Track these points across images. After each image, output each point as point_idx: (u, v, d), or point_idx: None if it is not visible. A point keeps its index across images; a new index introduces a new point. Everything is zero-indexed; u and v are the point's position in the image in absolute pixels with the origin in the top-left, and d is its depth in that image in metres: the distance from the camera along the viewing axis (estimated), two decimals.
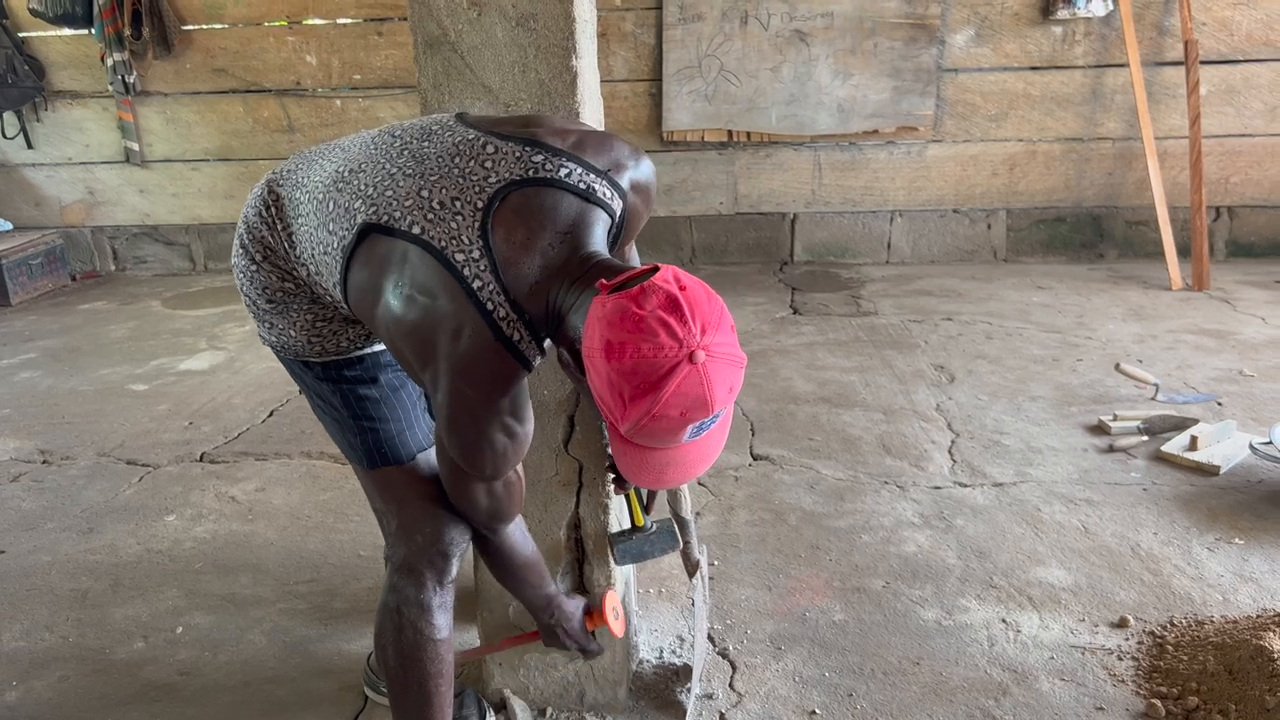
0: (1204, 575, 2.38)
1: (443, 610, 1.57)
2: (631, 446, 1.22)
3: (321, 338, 1.50)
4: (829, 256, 5.64)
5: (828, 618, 2.28)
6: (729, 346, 1.16)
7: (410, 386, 1.57)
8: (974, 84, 5.23)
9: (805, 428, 3.35)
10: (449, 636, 1.59)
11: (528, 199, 1.27)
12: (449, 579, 1.56)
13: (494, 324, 1.24)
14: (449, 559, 1.54)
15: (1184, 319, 4.34)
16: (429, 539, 1.53)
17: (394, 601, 1.56)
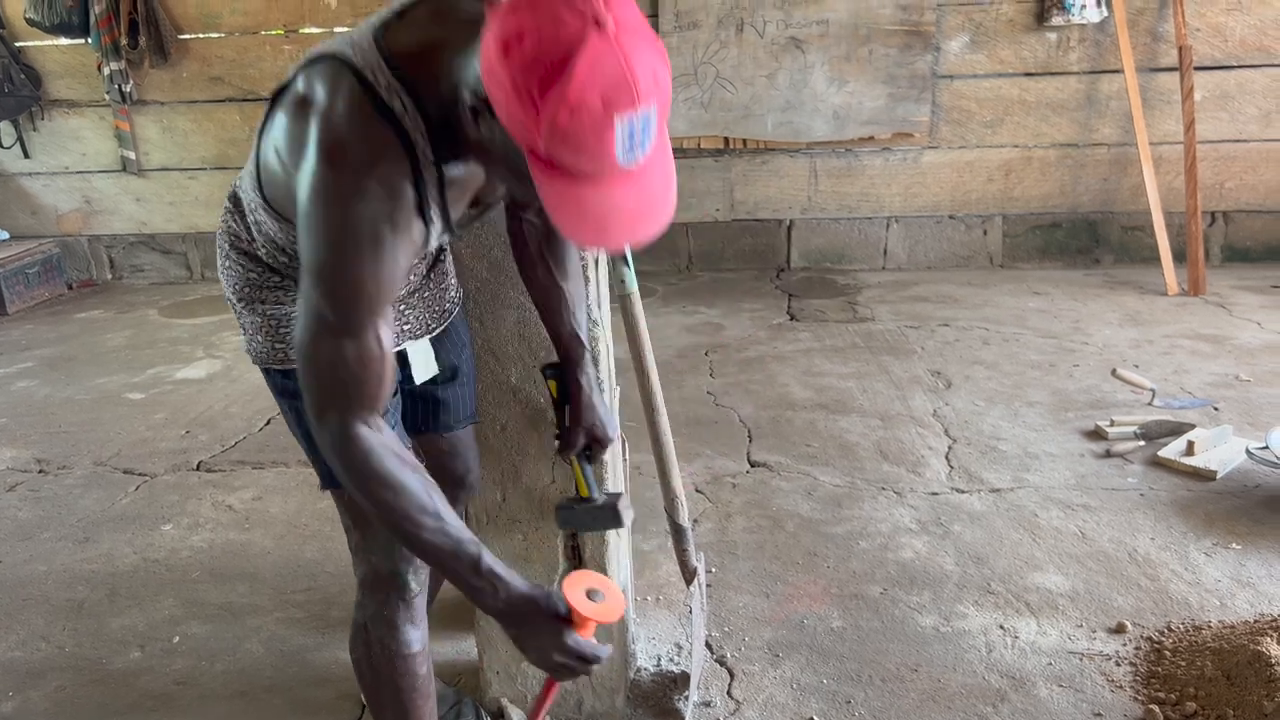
0: (1201, 580, 2.38)
1: (410, 624, 1.54)
2: (560, 180, 1.06)
3: (284, 343, 1.47)
4: (825, 263, 5.64)
5: (825, 624, 2.28)
6: (641, 22, 1.02)
7: None
8: (969, 90, 5.25)
9: (803, 434, 3.35)
10: (421, 649, 1.56)
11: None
12: (411, 594, 1.52)
13: (371, 90, 1.16)
14: (407, 575, 1.51)
15: (1180, 324, 4.35)
16: (385, 555, 1.49)
17: (361, 619, 1.54)
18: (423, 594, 1.55)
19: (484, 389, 1.80)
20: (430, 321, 1.62)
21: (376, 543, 1.49)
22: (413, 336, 1.59)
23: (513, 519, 1.87)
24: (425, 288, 1.60)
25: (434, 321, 1.63)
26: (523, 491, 1.85)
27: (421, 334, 1.61)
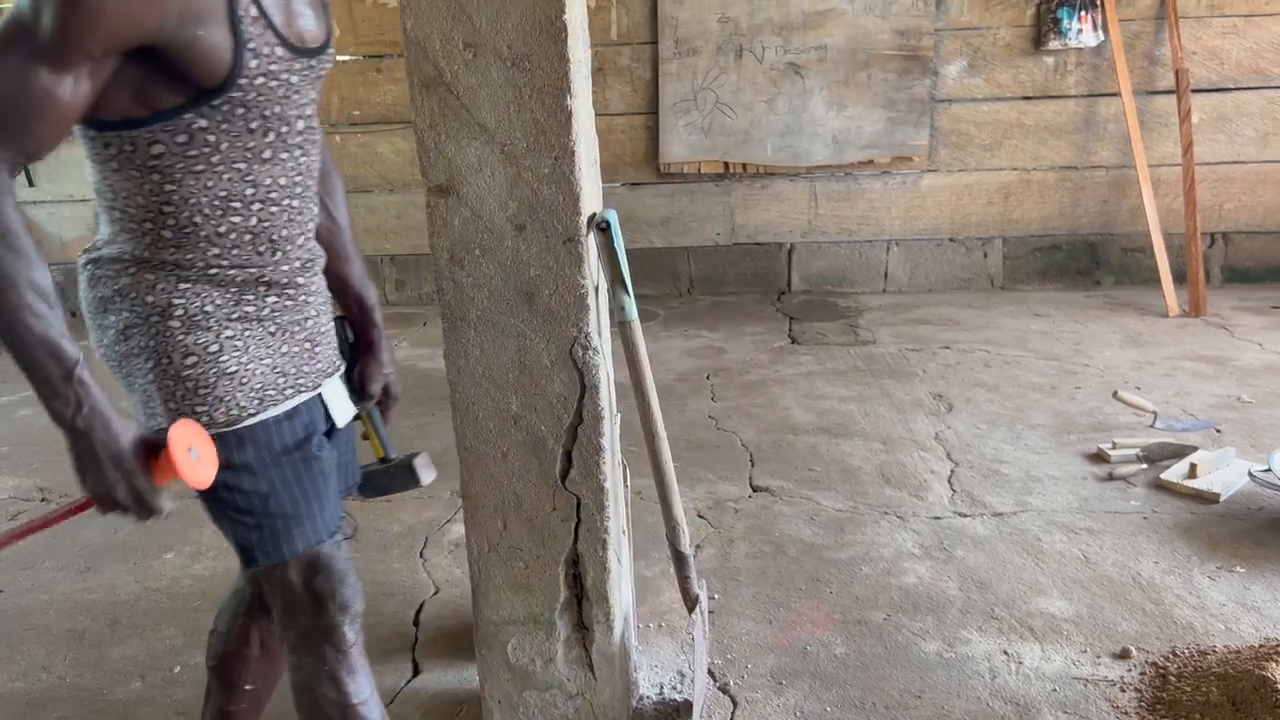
0: (1206, 604, 2.37)
1: (352, 675, 1.50)
2: None
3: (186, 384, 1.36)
4: (826, 286, 5.66)
5: (829, 651, 2.27)
6: None
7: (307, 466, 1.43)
8: (968, 114, 5.28)
9: (805, 458, 3.35)
10: (370, 694, 1.53)
11: None
12: (349, 645, 1.49)
13: None
14: (343, 627, 1.48)
15: (1181, 345, 4.35)
16: (318, 615, 1.46)
17: (302, 681, 1.50)
18: (359, 641, 1.51)
19: (484, 417, 1.81)
20: (334, 358, 1.57)
21: (307, 603, 1.45)
22: (326, 375, 1.53)
23: (514, 547, 1.87)
24: (324, 321, 1.53)
25: (336, 358, 1.58)
26: (524, 520, 1.85)
27: (332, 371, 1.55)
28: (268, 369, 1.40)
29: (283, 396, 1.42)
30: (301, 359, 1.46)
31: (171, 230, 1.31)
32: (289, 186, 1.39)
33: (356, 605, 1.50)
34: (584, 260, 1.70)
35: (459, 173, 1.66)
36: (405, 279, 5.91)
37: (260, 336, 1.40)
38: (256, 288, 1.39)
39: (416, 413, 4.00)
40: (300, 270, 1.46)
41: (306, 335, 1.48)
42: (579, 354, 1.75)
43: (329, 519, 1.47)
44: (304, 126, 1.40)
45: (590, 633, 1.90)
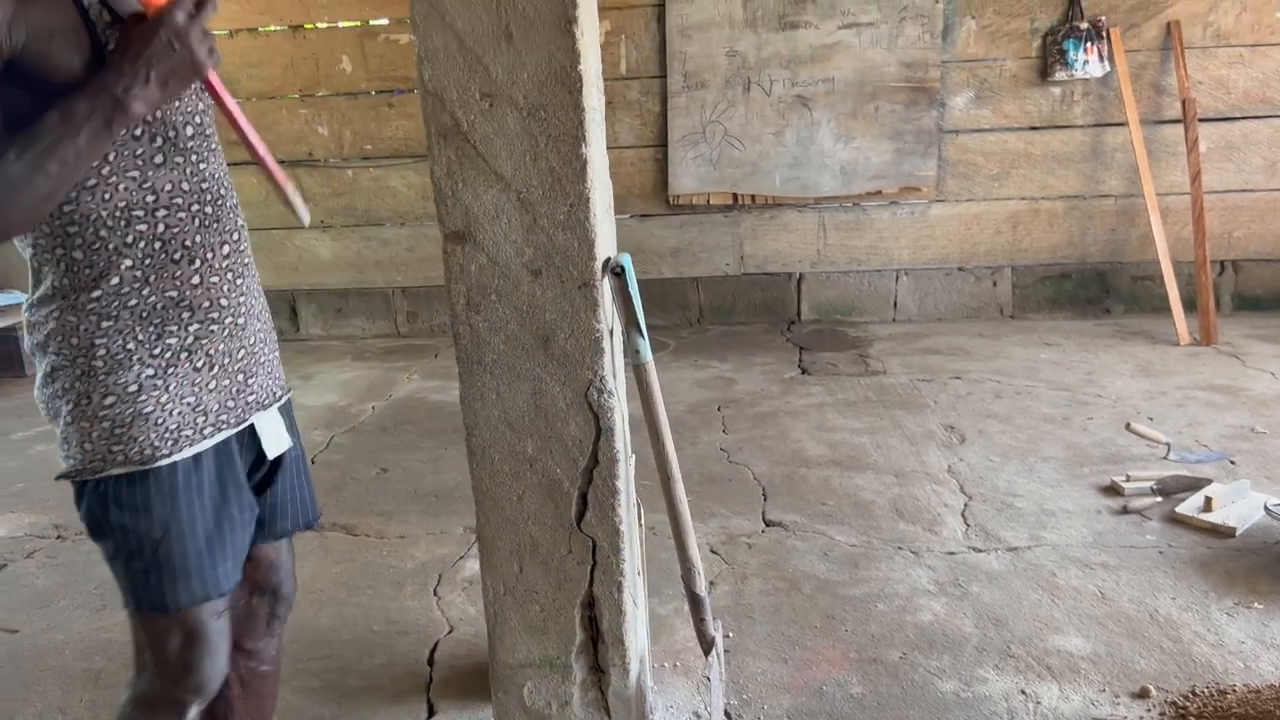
0: (1224, 642, 2.36)
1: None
2: None
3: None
4: (836, 315, 5.67)
5: (845, 691, 2.26)
6: None
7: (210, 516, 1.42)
8: (975, 144, 5.31)
9: (817, 492, 3.34)
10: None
11: None
12: (188, 716, 1.47)
13: None
14: (190, 704, 1.46)
15: (1193, 375, 4.34)
16: (173, 683, 1.45)
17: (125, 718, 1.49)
18: (198, 716, 1.50)
19: (500, 460, 1.82)
20: (274, 388, 1.56)
21: (172, 669, 1.44)
22: (261, 407, 1.52)
23: (530, 590, 1.87)
24: (261, 350, 1.53)
25: (277, 389, 1.57)
26: (540, 563, 1.85)
27: (269, 403, 1.54)
28: (188, 408, 1.39)
29: (200, 436, 1.40)
30: (231, 392, 1.45)
31: (82, 250, 1.31)
32: (193, 192, 1.40)
33: (213, 689, 1.48)
34: (599, 304, 1.72)
35: (476, 220, 1.68)
36: (417, 311, 5.94)
37: (185, 373, 1.39)
38: (179, 314, 1.38)
39: (428, 446, 4.01)
40: (227, 289, 1.44)
41: (240, 366, 1.47)
42: (594, 397, 1.76)
43: (221, 577, 1.44)
44: (193, 133, 1.41)
45: (606, 675, 1.90)
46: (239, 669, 1.68)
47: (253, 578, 1.63)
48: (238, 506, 1.47)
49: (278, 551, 1.66)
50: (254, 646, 1.69)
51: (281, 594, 1.70)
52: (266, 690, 1.74)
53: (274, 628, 1.71)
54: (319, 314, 6.01)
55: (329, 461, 3.93)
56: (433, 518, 3.33)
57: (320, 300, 5.99)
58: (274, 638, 1.73)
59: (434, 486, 3.60)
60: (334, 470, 3.83)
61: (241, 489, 1.49)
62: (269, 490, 1.58)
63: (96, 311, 1.33)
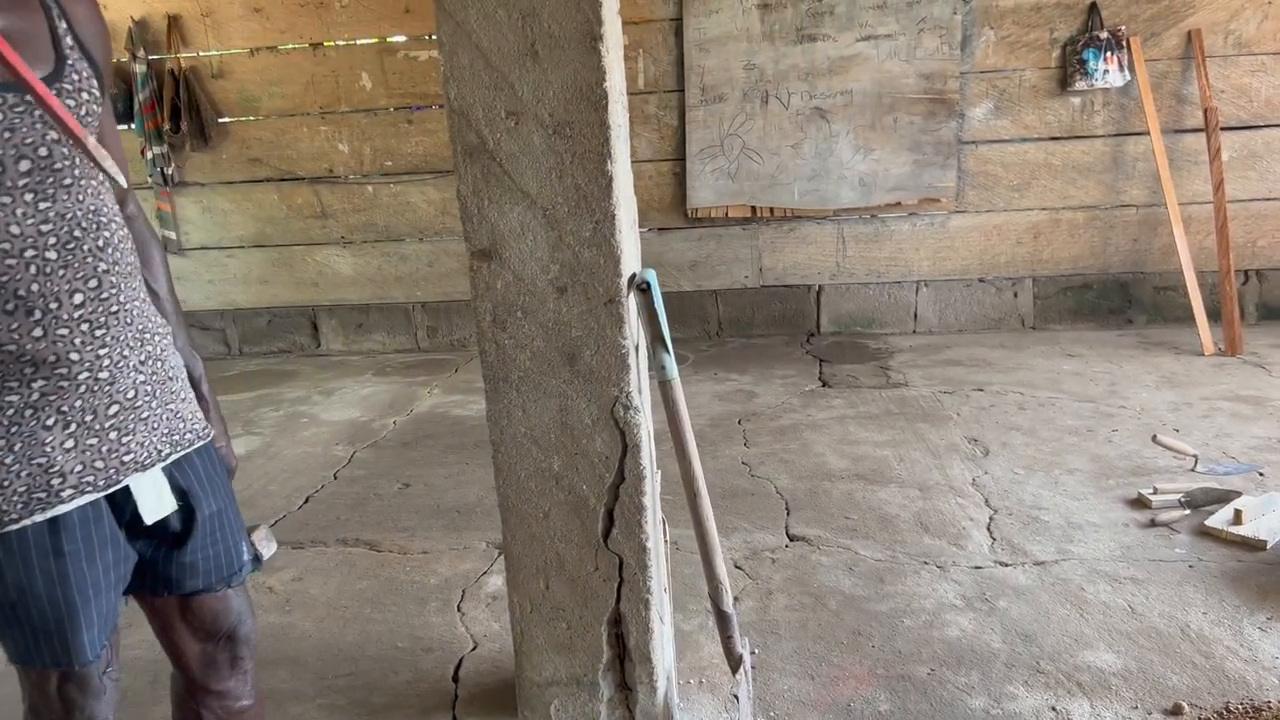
0: (1258, 657, 2.32)
1: None
2: None
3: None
4: (856, 327, 5.65)
5: (873, 708, 2.24)
6: None
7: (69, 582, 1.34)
8: (995, 155, 5.29)
9: (841, 506, 3.33)
10: None
11: None
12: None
13: None
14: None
15: (1218, 385, 4.30)
16: (62, 717, 1.40)
17: None
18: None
19: (526, 477, 1.82)
20: (160, 445, 1.42)
21: (55, 710, 1.39)
22: (140, 467, 1.39)
23: (556, 608, 1.86)
24: (145, 405, 1.39)
25: (165, 446, 1.43)
26: (566, 580, 1.85)
27: (151, 462, 1.41)
28: (39, 469, 1.28)
29: (57, 499, 1.30)
30: (99, 452, 1.34)
31: None
32: (26, 235, 1.24)
33: (105, 715, 1.43)
34: (625, 321, 1.72)
35: (501, 237, 1.69)
36: (437, 326, 5.96)
37: (31, 431, 1.27)
38: (20, 369, 1.25)
39: (450, 461, 4.01)
40: (80, 341, 1.29)
41: (112, 424, 1.34)
42: (620, 413, 1.76)
43: (85, 644, 1.36)
44: (29, 168, 1.24)
45: (634, 693, 1.89)
46: (216, 711, 1.62)
47: (201, 627, 1.55)
48: (103, 569, 1.37)
49: (218, 600, 1.54)
50: (222, 688, 1.62)
51: (238, 636, 1.59)
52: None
53: (239, 666, 1.63)
54: (340, 329, 6.04)
55: (352, 477, 3.94)
56: (456, 533, 3.33)
57: (341, 315, 6.02)
58: (242, 675, 1.63)
59: (456, 501, 3.60)
60: (357, 485, 3.84)
61: (108, 549, 1.37)
62: (184, 548, 1.47)
63: None
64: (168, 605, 1.52)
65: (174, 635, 1.55)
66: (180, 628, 1.55)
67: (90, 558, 1.35)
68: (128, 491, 1.39)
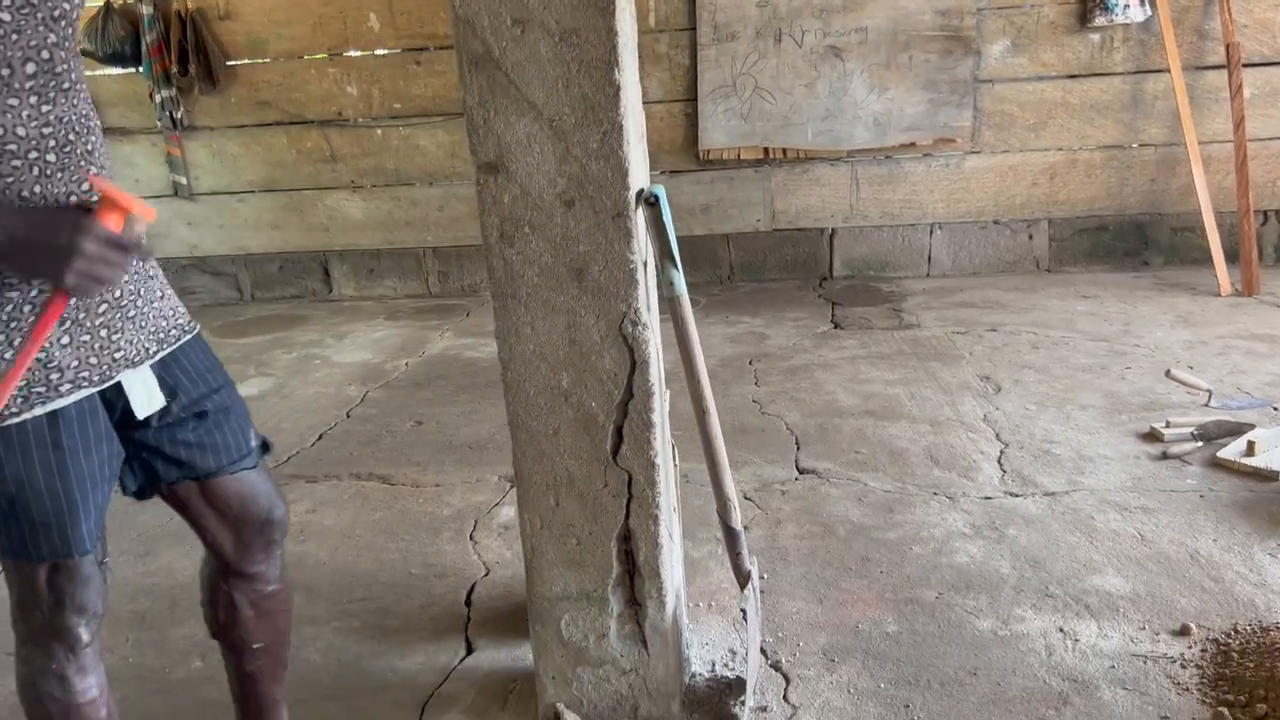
0: (1267, 581, 2.33)
1: (81, 674, 1.48)
2: None
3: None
4: (869, 271, 5.62)
5: (880, 629, 2.25)
6: None
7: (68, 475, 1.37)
8: (1011, 94, 5.21)
9: (851, 441, 3.33)
10: (99, 694, 1.51)
11: None
12: (81, 646, 1.46)
13: None
14: (77, 629, 1.45)
15: (1234, 324, 4.26)
16: (54, 612, 1.43)
17: (27, 673, 1.48)
18: (95, 643, 1.49)
19: (535, 394, 1.82)
20: (148, 344, 1.47)
21: (45, 601, 1.43)
22: (130, 364, 1.44)
23: (566, 524, 1.88)
24: (130, 305, 1.44)
25: (153, 344, 1.48)
26: (576, 496, 1.86)
27: (140, 360, 1.45)
28: (38, 364, 1.32)
29: (56, 393, 1.34)
30: (92, 349, 1.38)
31: None
32: (31, 138, 1.27)
33: (96, 607, 1.47)
34: (633, 235, 1.70)
35: (508, 150, 1.67)
36: (448, 271, 5.95)
37: (29, 327, 1.30)
38: None
39: (462, 400, 4.03)
40: None
41: (102, 322, 1.39)
42: (629, 330, 1.75)
43: (84, 536, 1.40)
44: (35, 70, 1.27)
45: (643, 608, 1.91)
46: (246, 594, 1.68)
47: (229, 511, 1.60)
48: (99, 463, 1.41)
49: (239, 483, 1.59)
50: (254, 570, 1.67)
51: (271, 519, 1.65)
52: (278, 608, 1.74)
53: (271, 550, 1.68)
54: (351, 274, 6.04)
55: (364, 415, 3.96)
56: (468, 467, 3.35)
57: (352, 261, 6.02)
58: (272, 559, 1.69)
59: (468, 438, 3.62)
60: (370, 424, 3.86)
61: (103, 445, 1.42)
62: (184, 431, 1.52)
63: None
64: (189, 492, 1.57)
65: (204, 521, 1.60)
66: (208, 513, 1.59)
67: (87, 451, 1.39)
68: (118, 389, 1.43)
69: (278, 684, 1.81)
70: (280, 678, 1.81)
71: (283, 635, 1.78)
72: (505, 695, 2.11)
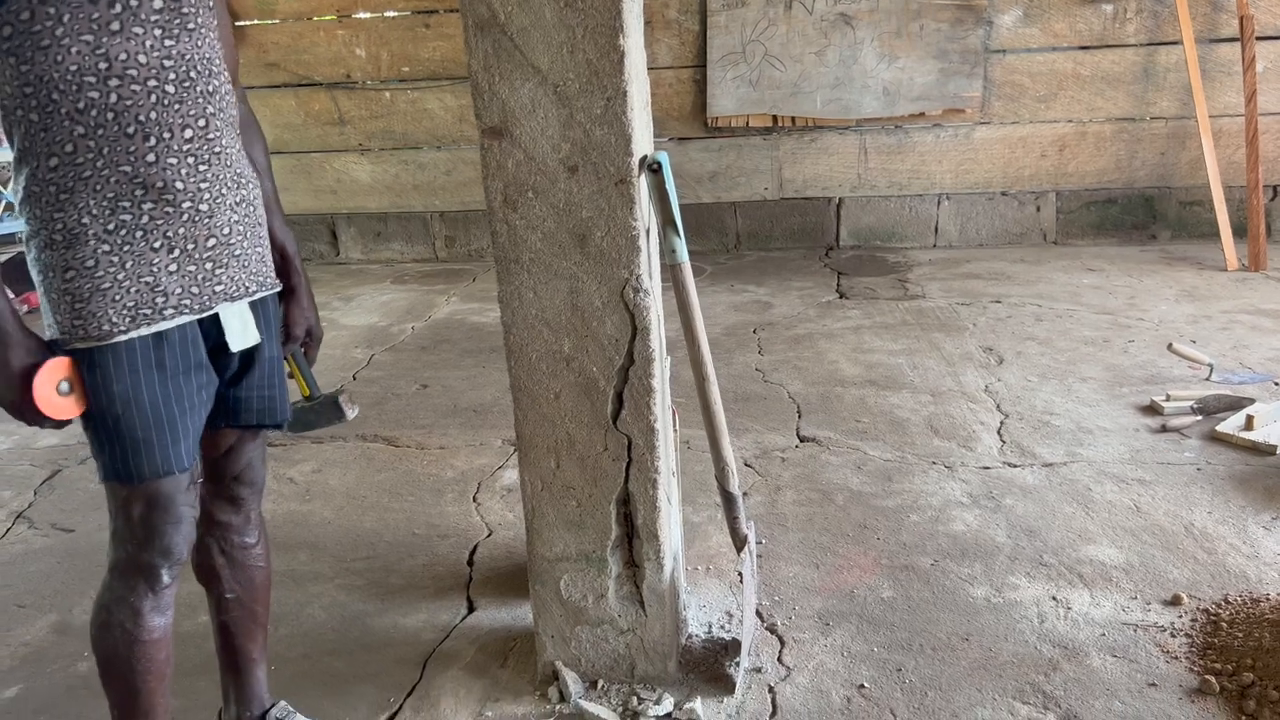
0: (1260, 554, 2.35)
1: (155, 613, 1.54)
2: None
3: None
4: (875, 241, 5.61)
5: (876, 595, 2.29)
6: None
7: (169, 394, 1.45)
8: (1022, 65, 5.17)
9: (852, 410, 3.35)
10: (163, 636, 1.56)
11: None
12: (162, 585, 1.53)
13: None
14: (162, 569, 1.51)
15: (1239, 299, 4.26)
16: (144, 546, 1.50)
17: (105, 599, 1.54)
18: (174, 585, 1.55)
19: (537, 359, 1.84)
20: (248, 283, 1.55)
21: (137, 534, 1.49)
22: (229, 299, 1.51)
23: (567, 486, 1.90)
24: (237, 244, 1.51)
25: (252, 284, 1.56)
26: (576, 459, 1.89)
27: (239, 296, 1.53)
28: (146, 286, 1.40)
29: (160, 316, 1.42)
30: (196, 279, 1.45)
31: (37, 112, 1.32)
32: (151, 66, 1.36)
33: (180, 553, 1.52)
34: (636, 202, 1.72)
35: (512, 115, 1.68)
36: (455, 235, 5.96)
37: (141, 251, 1.39)
38: (132, 191, 1.37)
39: (467, 365, 4.05)
40: (186, 172, 1.42)
41: (208, 255, 1.46)
42: (630, 296, 1.77)
43: (182, 454, 1.47)
44: (161, 6, 1.37)
45: (641, 570, 1.94)
46: (219, 541, 1.73)
47: (227, 466, 1.67)
48: (197, 387, 1.49)
49: (241, 438, 1.67)
50: (226, 520, 1.72)
51: (246, 479, 1.71)
52: (251, 563, 1.78)
53: (242, 508, 1.74)
54: (358, 238, 6.05)
55: (370, 378, 3.99)
56: (472, 430, 3.38)
57: (360, 224, 6.03)
58: (245, 516, 1.75)
59: (473, 402, 3.65)
60: (375, 386, 3.89)
61: (201, 371, 1.50)
62: (240, 382, 1.59)
63: (55, 182, 1.35)
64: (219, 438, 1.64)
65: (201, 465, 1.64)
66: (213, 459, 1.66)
67: (186, 374, 1.47)
68: (214, 322, 1.51)
69: (254, 643, 1.84)
70: (256, 638, 1.84)
71: (257, 592, 1.82)
72: (505, 653, 2.16)
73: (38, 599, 2.49)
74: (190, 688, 2.05)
